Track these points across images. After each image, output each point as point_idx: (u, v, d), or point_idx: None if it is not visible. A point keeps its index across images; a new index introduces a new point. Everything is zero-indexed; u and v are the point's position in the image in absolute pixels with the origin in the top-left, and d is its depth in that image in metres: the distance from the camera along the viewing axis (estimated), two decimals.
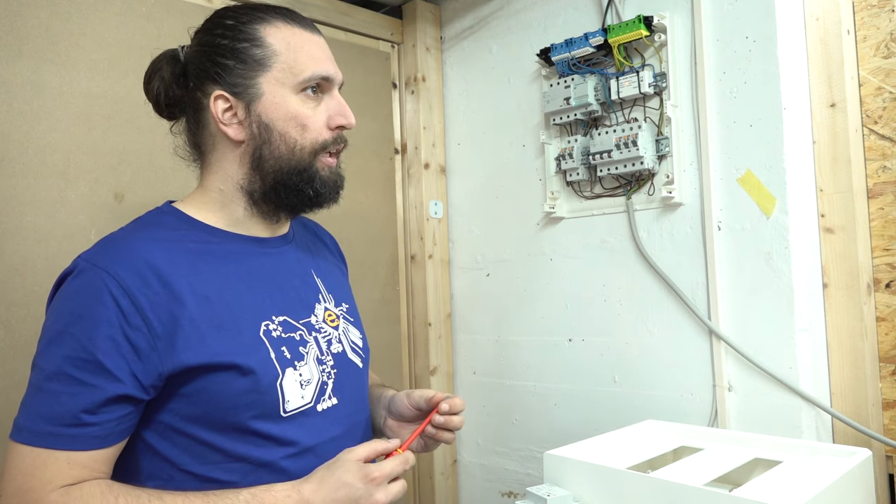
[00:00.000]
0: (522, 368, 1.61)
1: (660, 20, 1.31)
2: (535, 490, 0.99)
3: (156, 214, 0.91)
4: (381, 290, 1.73)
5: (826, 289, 1.25)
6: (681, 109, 1.33)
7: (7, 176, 1.14)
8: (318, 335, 0.93)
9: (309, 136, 0.89)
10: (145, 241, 0.84)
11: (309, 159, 0.90)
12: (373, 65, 1.74)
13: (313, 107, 0.89)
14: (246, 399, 0.82)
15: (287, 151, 0.89)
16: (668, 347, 1.34)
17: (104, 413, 0.76)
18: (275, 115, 0.88)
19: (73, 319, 0.77)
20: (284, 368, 0.86)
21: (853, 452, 0.99)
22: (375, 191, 1.73)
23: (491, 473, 1.68)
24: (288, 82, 0.88)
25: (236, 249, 0.90)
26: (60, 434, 0.75)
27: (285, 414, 0.86)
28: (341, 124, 0.91)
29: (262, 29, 0.88)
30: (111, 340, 0.77)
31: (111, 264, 0.79)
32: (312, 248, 1.05)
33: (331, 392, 0.92)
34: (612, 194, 1.44)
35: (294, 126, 0.88)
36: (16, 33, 1.16)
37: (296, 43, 0.89)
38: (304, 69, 0.89)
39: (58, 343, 0.77)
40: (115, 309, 0.77)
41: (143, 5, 1.32)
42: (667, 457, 1.12)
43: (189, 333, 0.80)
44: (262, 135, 0.88)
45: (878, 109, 1.24)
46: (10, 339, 1.12)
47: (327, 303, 0.98)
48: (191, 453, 0.82)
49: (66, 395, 0.75)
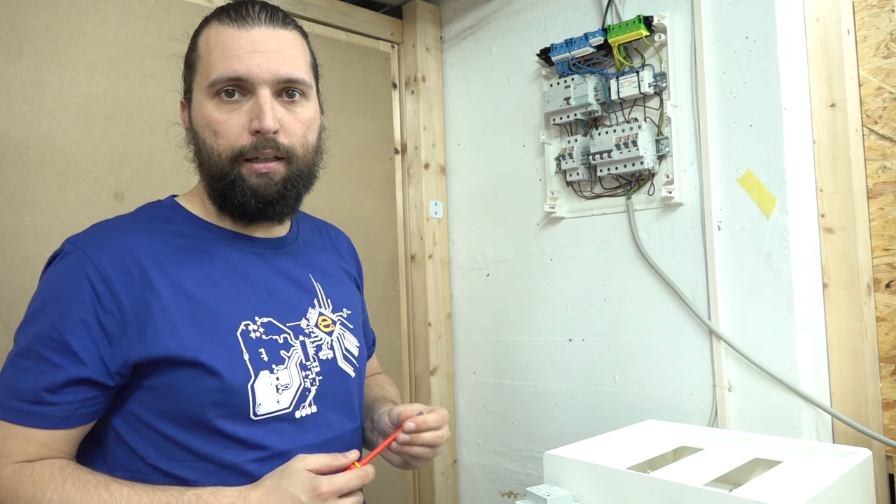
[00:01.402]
0: (522, 368, 1.61)
1: (660, 20, 1.32)
2: (535, 490, 0.99)
3: (155, 206, 0.92)
4: (381, 290, 1.73)
5: (826, 289, 1.25)
6: (681, 109, 1.33)
7: (7, 176, 1.14)
8: (305, 339, 0.91)
9: (223, 143, 0.84)
10: (135, 230, 0.85)
11: (229, 166, 0.85)
12: (373, 65, 1.74)
13: (228, 111, 0.84)
14: (212, 398, 0.81)
15: (208, 158, 0.86)
16: (668, 347, 1.34)
17: (65, 394, 0.77)
18: (198, 121, 0.87)
19: (50, 299, 0.80)
20: (258, 371, 0.84)
21: (853, 452, 0.99)
22: (375, 191, 1.73)
23: (491, 473, 1.68)
24: (203, 86, 0.85)
25: (228, 247, 0.90)
26: (21, 410, 0.77)
27: (256, 417, 0.84)
28: (255, 129, 0.84)
29: (202, 32, 0.88)
30: (82, 323, 0.78)
31: (94, 249, 0.81)
32: (319, 251, 1.03)
33: (312, 399, 0.89)
34: (612, 194, 1.44)
35: (209, 132, 0.85)
36: (16, 33, 1.16)
37: (214, 42, 0.84)
38: (213, 71, 0.84)
39: (34, 321, 0.80)
40: (91, 293, 0.79)
41: (143, 5, 1.32)
42: (667, 457, 1.12)
43: (160, 324, 0.80)
44: (195, 140, 0.89)
45: (878, 109, 1.24)
46: (10, 339, 1.12)
47: (323, 308, 0.96)
48: (157, 448, 0.82)
49: (33, 372, 0.77)
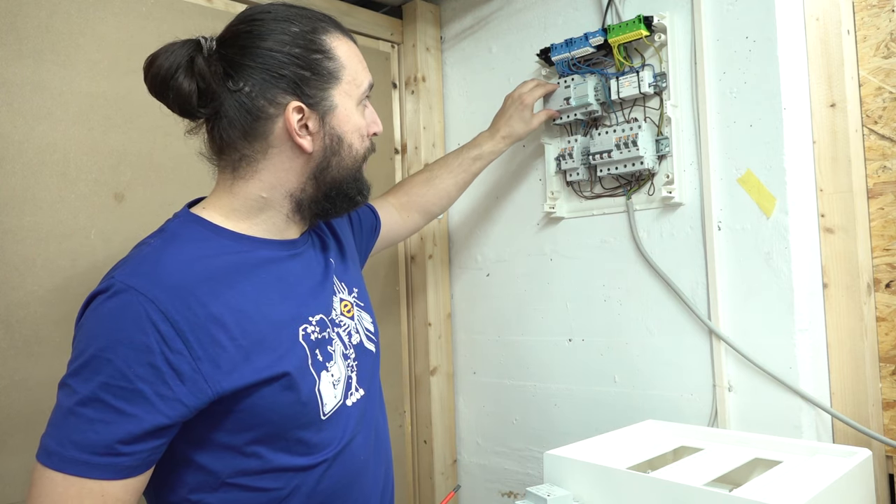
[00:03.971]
0: (522, 368, 1.61)
1: (660, 20, 1.31)
2: (535, 490, 0.99)
3: (180, 225, 0.88)
4: (381, 290, 1.73)
5: (826, 289, 1.25)
6: (681, 109, 1.33)
7: (7, 176, 1.14)
8: (339, 330, 0.94)
9: (364, 145, 0.93)
10: (178, 260, 0.81)
11: (361, 167, 0.94)
12: (373, 65, 1.74)
13: (363, 116, 0.93)
14: (290, 410, 0.83)
15: (351, 161, 0.91)
16: (668, 347, 1.34)
17: (140, 443, 0.74)
18: (346, 127, 0.90)
19: (110, 344, 0.74)
20: (319, 372, 0.87)
21: (853, 452, 0.99)
22: (375, 191, 1.71)
23: (491, 473, 1.68)
24: (353, 94, 0.90)
25: (266, 256, 0.89)
26: (92, 463, 0.72)
27: (325, 417, 0.87)
28: (376, 132, 0.95)
29: (329, 40, 0.88)
30: (152, 367, 0.74)
31: (149, 287, 0.77)
32: (322, 235, 1.05)
33: (356, 385, 0.94)
34: (612, 194, 1.44)
35: (357, 137, 0.92)
36: (16, 33, 1.16)
37: (353, 54, 0.92)
38: (363, 81, 0.92)
39: (93, 367, 0.74)
40: (156, 335, 0.75)
41: (143, 5, 1.32)
42: (667, 457, 1.12)
43: (233, 354, 0.79)
44: (333, 146, 0.89)
45: (878, 109, 1.24)
46: (10, 339, 1.12)
47: (342, 293, 0.99)
48: (237, 466, 0.82)
49: (102, 423, 0.73)
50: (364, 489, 0.94)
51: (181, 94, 0.84)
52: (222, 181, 0.90)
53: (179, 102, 0.85)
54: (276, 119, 0.85)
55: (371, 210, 1.27)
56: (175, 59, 0.83)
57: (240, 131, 0.86)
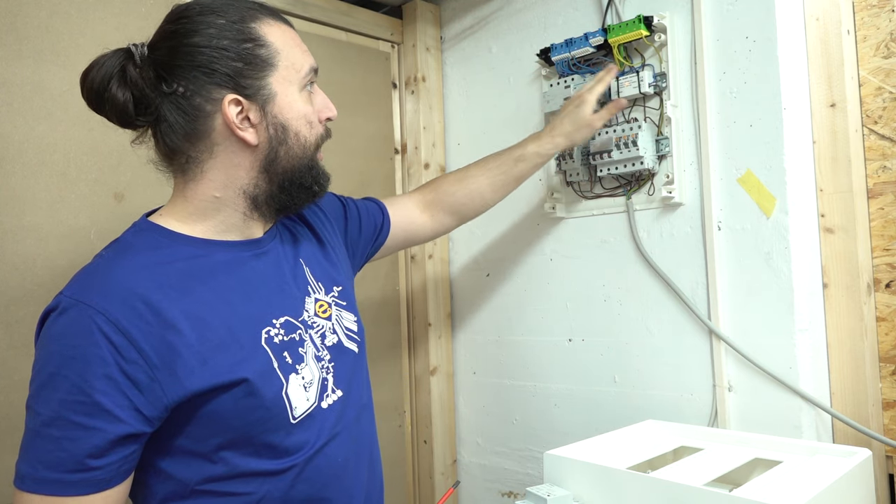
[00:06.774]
0: (522, 368, 1.61)
1: (660, 20, 1.31)
2: (535, 490, 0.99)
3: (134, 234, 0.86)
4: (381, 290, 1.73)
5: (826, 289, 1.25)
6: (681, 109, 1.33)
7: (7, 176, 1.14)
8: (311, 332, 0.91)
9: (314, 133, 0.90)
10: (129, 269, 0.80)
11: (313, 155, 0.91)
12: (373, 65, 1.74)
13: (310, 102, 0.90)
14: (254, 416, 0.82)
15: (300, 150, 0.88)
16: (668, 347, 1.34)
17: (109, 455, 0.74)
18: (290, 114, 0.87)
19: (64, 361, 0.74)
20: (287, 375, 0.85)
21: (853, 452, 0.99)
22: (375, 191, 1.73)
23: (491, 473, 1.68)
24: (294, 80, 0.87)
25: (225, 259, 0.87)
26: (66, 481, 0.73)
27: (295, 421, 0.85)
28: (329, 116, 0.92)
29: (258, 27, 0.85)
30: (108, 379, 0.74)
31: (97, 300, 0.76)
32: (294, 231, 1.02)
33: (333, 386, 0.92)
34: (612, 194, 1.44)
35: (304, 124, 0.88)
36: (16, 33, 1.16)
37: (288, 38, 0.88)
38: (302, 65, 0.88)
39: (51, 386, 0.74)
40: (109, 346, 0.74)
41: (143, 5, 1.32)
42: (667, 457, 1.12)
43: (188, 359, 0.78)
44: (278, 136, 0.86)
45: (878, 109, 1.24)
46: (10, 339, 1.12)
47: (317, 293, 0.96)
48: (205, 473, 0.81)
49: (68, 440, 0.73)
50: (344, 491, 0.91)
51: (117, 105, 0.83)
52: (176, 186, 0.89)
53: (117, 113, 0.84)
54: (215, 116, 0.83)
55: (378, 207, 1.22)
56: (106, 71, 0.82)
57: (182, 134, 0.84)
